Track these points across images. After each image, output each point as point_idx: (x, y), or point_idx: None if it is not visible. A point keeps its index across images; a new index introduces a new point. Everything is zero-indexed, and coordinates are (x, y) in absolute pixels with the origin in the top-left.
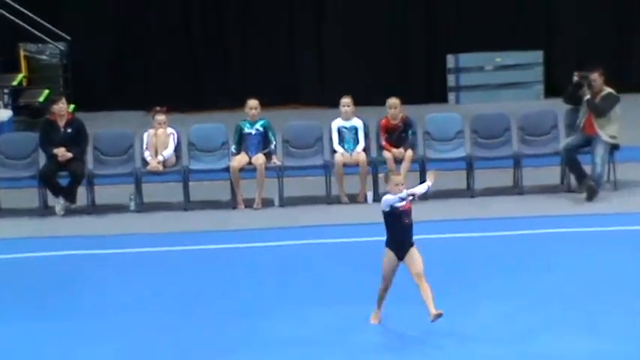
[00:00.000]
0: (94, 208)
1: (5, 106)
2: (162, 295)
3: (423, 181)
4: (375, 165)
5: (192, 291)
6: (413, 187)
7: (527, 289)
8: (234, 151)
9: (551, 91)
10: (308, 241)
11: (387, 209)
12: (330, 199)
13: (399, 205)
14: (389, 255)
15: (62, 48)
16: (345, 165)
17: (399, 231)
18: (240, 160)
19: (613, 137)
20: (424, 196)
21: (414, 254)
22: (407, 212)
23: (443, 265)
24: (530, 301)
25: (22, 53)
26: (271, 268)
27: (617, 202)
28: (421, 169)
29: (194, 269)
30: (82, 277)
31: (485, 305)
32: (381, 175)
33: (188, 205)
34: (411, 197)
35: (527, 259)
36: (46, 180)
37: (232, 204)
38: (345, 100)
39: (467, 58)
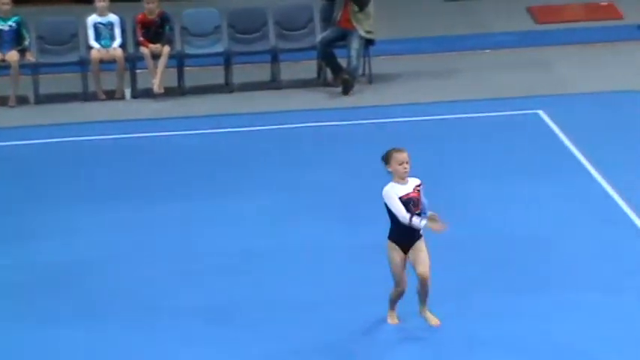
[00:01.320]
0: None
1: None
2: None
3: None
4: (133, 61)
5: None
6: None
7: (289, 182)
8: None
9: None
10: (65, 139)
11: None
12: (86, 96)
13: (403, 194)
14: (393, 250)
15: None
16: (101, 61)
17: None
18: None
19: (369, 32)
20: (183, 91)
21: (422, 248)
22: (414, 200)
23: (201, 163)
24: (292, 193)
25: None
26: (28, 167)
27: (372, 95)
28: (179, 64)
29: None
30: None
31: (251, 198)
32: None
33: None
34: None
35: (287, 154)
36: None
37: None
38: None
39: None
